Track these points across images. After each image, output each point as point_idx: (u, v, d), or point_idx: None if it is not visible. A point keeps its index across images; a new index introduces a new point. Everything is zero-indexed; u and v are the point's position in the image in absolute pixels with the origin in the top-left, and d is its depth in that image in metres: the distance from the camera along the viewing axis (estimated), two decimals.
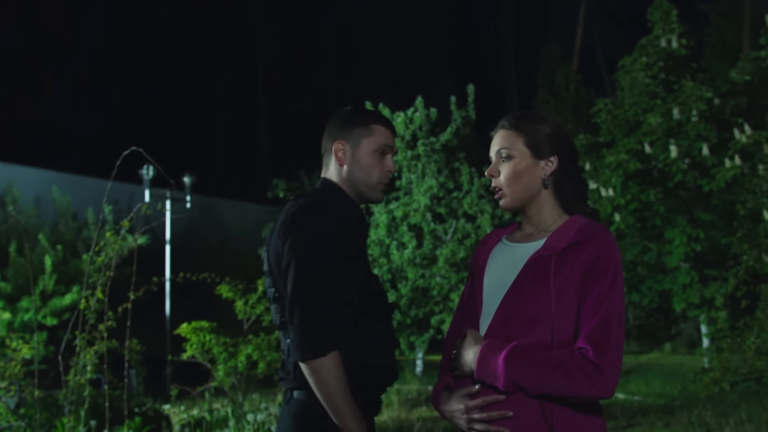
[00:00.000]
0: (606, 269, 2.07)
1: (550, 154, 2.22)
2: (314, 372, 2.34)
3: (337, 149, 2.58)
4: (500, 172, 2.27)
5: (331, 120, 2.63)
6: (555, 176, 2.23)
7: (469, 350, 2.14)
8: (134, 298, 5.58)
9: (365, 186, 2.55)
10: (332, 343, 2.33)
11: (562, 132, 2.27)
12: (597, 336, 2.00)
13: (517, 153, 2.24)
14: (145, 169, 15.95)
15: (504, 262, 2.26)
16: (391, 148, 2.59)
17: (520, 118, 2.28)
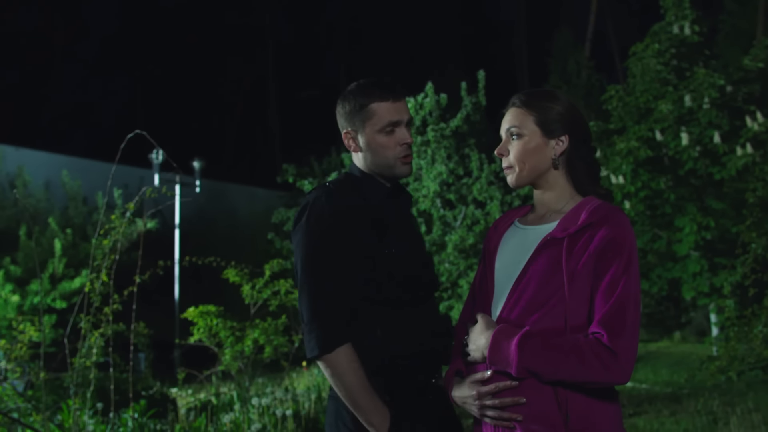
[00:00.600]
0: (620, 251, 2.01)
1: (561, 134, 2.18)
2: (326, 369, 2.30)
3: (346, 139, 2.53)
4: (510, 150, 2.22)
5: (336, 109, 2.55)
6: (567, 156, 2.19)
7: (480, 335, 2.10)
8: (140, 281, 5.58)
9: (385, 167, 2.48)
10: (338, 338, 2.28)
11: (575, 111, 2.21)
12: (611, 320, 1.96)
13: (527, 131, 2.19)
14: (154, 154, 15.97)
15: (516, 245, 2.22)
16: (398, 122, 2.46)
17: (532, 96, 2.23)
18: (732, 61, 15.56)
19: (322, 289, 2.33)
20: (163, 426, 5.92)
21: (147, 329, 7.97)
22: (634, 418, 8.13)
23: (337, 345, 2.28)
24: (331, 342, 2.29)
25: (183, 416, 6.30)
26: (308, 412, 6.59)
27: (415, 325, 2.41)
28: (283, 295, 7.96)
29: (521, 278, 2.11)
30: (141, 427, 5.69)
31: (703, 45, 14.19)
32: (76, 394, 5.34)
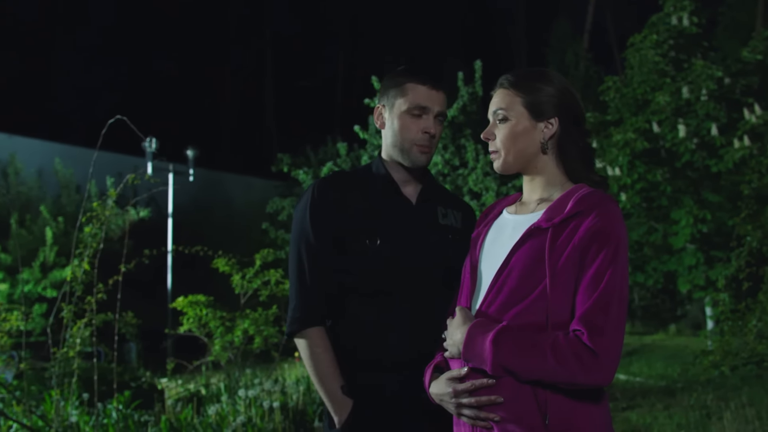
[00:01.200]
0: (606, 243, 1.88)
1: (550, 116, 2.06)
2: (298, 349, 2.39)
3: (377, 113, 2.52)
4: (496, 134, 2.11)
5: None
6: (557, 140, 2.07)
7: (456, 330, 2.00)
8: (125, 270, 5.49)
9: (400, 150, 2.45)
10: (308, 321, 2.35)
11: (567, 92, 2.08)
12: (594, 317, 1.83)
13: (514, 114, 2.08)
14: (147, 142, 15.86)
15: (501, 234, 2.12)
16: (427, 108, 2.43)
17: (521, 76, 2.11)
18: (731, 53, 15.46)
19: (301, 273, 2.40)
20: (149, 417, 5.84)
21: (136, 318, 7.90)
22: (627, 412, 8.06)
23: (306, 327, 2.35)
24: (301, 323, 2.36)
25: (170, 407, 6.22)
26: (296, 404, 6.51)
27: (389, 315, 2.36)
28: (274, 285, 7.89)
29: (502, 270, 2.00)
30: (125, 418, 5.61)
31: (702, 36, 14.08)
32: (59, 385, 5.25)
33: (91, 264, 5.26)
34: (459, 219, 2.58)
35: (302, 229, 2.43)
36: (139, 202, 16.75)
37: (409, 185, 2.53)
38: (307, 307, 2.37)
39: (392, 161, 2.51)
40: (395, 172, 2.51)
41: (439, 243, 2.45)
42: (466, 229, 2.53)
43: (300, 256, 2.41)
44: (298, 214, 2.47)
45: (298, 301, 2.39)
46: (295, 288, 2.41)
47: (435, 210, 2.53)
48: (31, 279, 12.63)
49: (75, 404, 5.88)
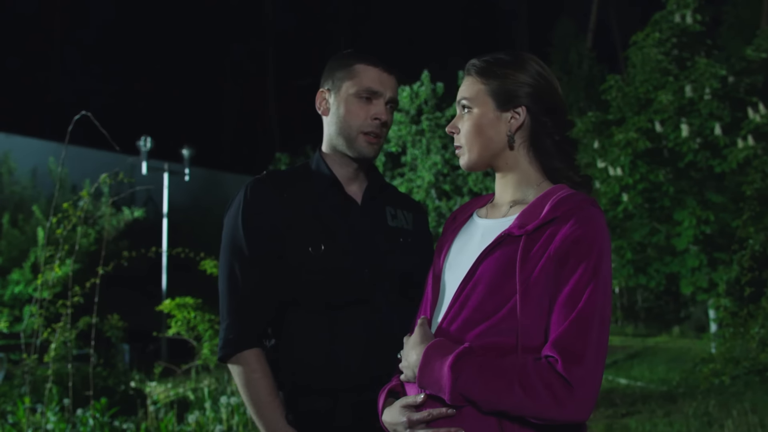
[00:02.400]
0: (586, 254, 1.63)
1: (517, 105, 1.81)
2: (232, 376, 2.11)
3: (320, 98, 2.25)
4: (460, 127, 1.88)
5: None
6: (530, 133, 1.82)
7: (412, 350, 1.75)
8: (102, 273, 5.29)
9: (346, 139, 2.17)
10: (243, 342, 2.07)
11: (542, 79, 1.82)
12: (570, 342, 1.57)
13: (477, 103, 1.84)
14: (142, 141, 15.69)
15: (469, 241, 1.86)
16: (378, 93, 2.16)
17: (490, 62, 1.86)
18: (735, 52, 15.22)
19: (234, 287, 2.12)
20: (129, 424, 5.64)
21: (122, 321, 7.71)
22: (627, 419, 7.87)
23: (240, 349, 2.07)
24: (234, 345, 2.08)
25: (152, 414, 6.03)
26: None
27: (335, 332, 2.09)
28: None
29: (467, 282, 1.74)
30: (101, 426, 5.41)
31: (705, 34, 13.86)
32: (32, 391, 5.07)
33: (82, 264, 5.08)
34: (410, 220, 2.31)
35: (234, 236, 2.15)
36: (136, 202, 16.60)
37: (354, 183, 2.26)
38: (242, 326, 2.09)
39: (335, 155, 2.24)
40: (338, 169, 2.24)
41: (389, 247, 2.19)
42: (419, 231, 2.31)
43: (232, 268, 2.13)
44: (229, 219, 2.19)
45: (230, 319, 2.10)
46: (227, 305, 2.12)
47: (383, 210, 2.26)
48: (22, 280, 12.44)
49: (55, 410, 5.70)
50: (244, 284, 2.10)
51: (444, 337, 1.74)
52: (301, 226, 2.13)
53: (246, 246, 2.11)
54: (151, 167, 15.67)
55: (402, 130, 14.05)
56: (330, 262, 2.09)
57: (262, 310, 2.10)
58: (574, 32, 25.78)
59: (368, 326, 2.09)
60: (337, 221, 2.16)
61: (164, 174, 15.28)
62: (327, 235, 2.13)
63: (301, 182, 2.22)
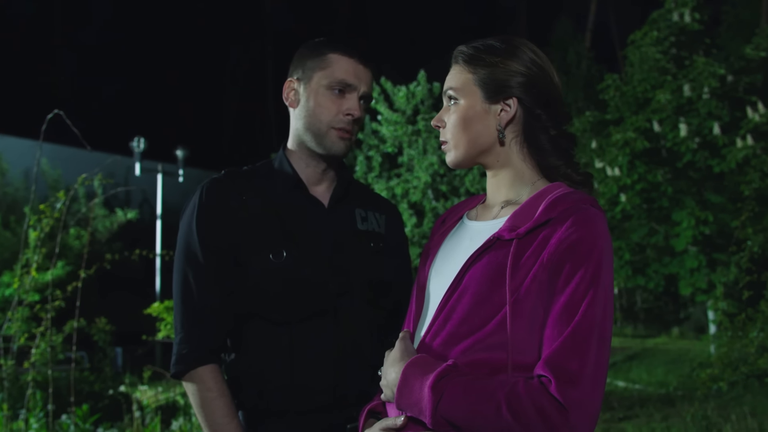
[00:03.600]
0: (584, 261, 1.45)
1: (508, 96, 1.62)
2: (187, 394, 1.92)
3: (287, 89, 2.05)
4: (446, 121, 1.69)
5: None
6: (523, 127, 1.63)
7: (391, 367, 1.55)
8: (84, 276, 5.16)
9: (315, 134, 1.99)
10: (192, 360, 1.89)
11: (536, 67, 1.63)
12: (565, 360, 1.39)
13: (465, 94, 1.65)
14: (135, 142, 15.56)
15: (457, 246, 1.67)
16: (353, 86, 1.98)
17: (478, 48, 1.67)
18: (734, 51, 15.11)
19: (187, 297, 1.93)
20: (113, 431, 5.52)
21: (110, 325, 7.60)
22: (624, 423, 7.74)
23: (195, 366, 1.88)
24: (188, 362, 1.88)
25: (138, 420, 5.90)
26: None
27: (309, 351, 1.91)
28: None
29: (452, 292, 1.56)
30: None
31: (704, 33, 13.75)
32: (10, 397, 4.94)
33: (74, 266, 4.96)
34: (382, 223, 2.12)
35: (188, 242, 1.95)
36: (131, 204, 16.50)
37: (321, 184, 2.07)
38: (196, 340, 1.89)
39: (301, 152, 2.05)
40: (304, 168, 2.05)
41: (358, 253, 2.01)
42: (392, 235, 2.13)
43: (185, 277, 1.93)
44: (183, 224, 1.99)
45: (184, 333, 1.91)
46: (181, 317, 1.92)
47: (352, 213, 2.07)
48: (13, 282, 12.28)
49: (38, 417, 5.58)
50: (199, 294, 1.92)
51: (426, 352, 1.56)
52: (261, 230, 1.95)
53: (200, 252, 1.93)
54: (144, 168, 15.55)
55: (398, 131, 13.93)
56: (292, 271, 1.92)
57: (219, 323, 1.92)
58: (573, 32, 25.68)
59: (334, 341, 1.92)
60: (300, 225, 1.99)
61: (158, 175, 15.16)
62: (289, 240, 1.95)
63: (263, 182, 2.03)
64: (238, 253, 1.93)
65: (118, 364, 12.01)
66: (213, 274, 1.93)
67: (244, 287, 1.92)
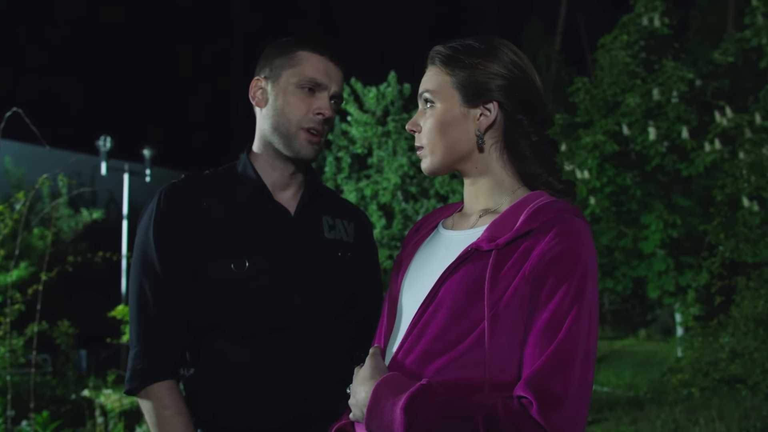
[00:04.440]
0: (568, 274, 1.37)
1: (487, 100, 1.53)
2: (143, 411, 1.81)
3: (254, 88, 1.96)
4: (421, 125, 1.59)
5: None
6: (503, 133, 1.55)
7: (360, 386, 1.46)
8: (46, 279, 5.01)
9: (283, 135, 1.89)
10: (147, 375, 1.78)
11: (517, 69, 1.55)
12: (547, 380, 1.31)
13: (441, 97, 1.56)
14: (101, 141, 15.33)
15: (431, 256, 1.59)
16: (323, 85, 1.89)
17: (456, 49, 1.58)
18: (702, 56, 15.22)
19: (143, 309, 1.82)
20: None
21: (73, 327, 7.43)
22: (593, 426, 7.72)
23: (150, 381, 1.78)
24: (143, 377, 1.78)
25: (101, 425, 5.77)
26: None
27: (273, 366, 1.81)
28: None
29: (427, 306, 1.47)
30: None
31: (673, 38, 13.84)
32: None
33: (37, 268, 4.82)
34: (351, 231, 2.04)
35: (144, 250, 1.86)
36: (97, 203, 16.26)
37: (287, 189, 1.97)
38: (152, 355, 1.79)
39: (268, 155, 1.95)
40: (270, 172, 1.95)
41: (325, 263, 1.92)
42: (361, 243, 2.04)
43: (141, 287, 1.83)
44: (140, 231, 1.90)
45: (139, 346, 1.81)
46: (136, 329, 1.82)
47: (319, 221, 1.98)
48: None
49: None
50: (156, 306, 1.81)
51: (398, 370, 1.47)
52: (222, 239, 1.85)
53: (158, 261, 1.83)
54: (111, 168, 15.34)
55: (368, 132, 13.86)
56: (255, 282, 1.82)
57: (176, 337, 1.82)
58: (543, 35, 25.75)
59: (299, 356, 1.83)
60: (264, 234, 1.89)
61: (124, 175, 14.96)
62: (252, 250, 1.85)
63: (225, 188, 1.94)
64: (198, 263, 1.84)
65: (82, 366, 11.80)
66: (170, 285, 1.83)
67: (204, 299, 1.83)
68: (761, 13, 11.68)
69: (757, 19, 11.81)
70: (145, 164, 16.26)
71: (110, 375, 7.97)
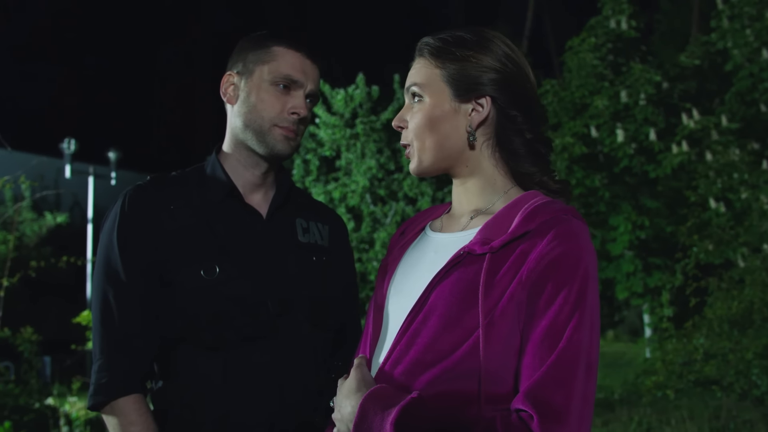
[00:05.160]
0: (568, 279, 1.30)
1: (480, 95, 1.45)
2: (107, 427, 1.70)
3: (226, 84, 1.85)
4: (408, 121, 1.51)
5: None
6: (495, 129, 1.46)
7: (346, 399, 1.37)
8: (7, 285, 4.87)
9: (256, 132, 1.79)
10: (112, 389, 1.67)
11: (511, 63, 1.47)
12: (548, 393, 1.24)
13: (431, 92, 1.47)
14: (65, 143, 15.08)
15: (419, 261, 1.50)
16: (299, 83, 1.79)
17: (447, 41, 1.49)
18: (668, 59, 15.37)
19: (107, 319, 1.72)
20: None
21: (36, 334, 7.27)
22: None
23: (116, 396, 1.67)
24: (108, 391, 1.68)
25: None
26: None
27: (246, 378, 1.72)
28: None
29: (416, 314, 1.39)
30: None
31: (640, 40, 13.95)
32: None
33: None
34: (326, 234, 1.95)
35: (108, 257, 1.75)
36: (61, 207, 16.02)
37: (259, 191, 1.88)
38: (118, 368, 1.69)
39: (239, 154, 1.85)
40: (242, 172, 1.86)
41: (300, 269, 1.83)
42: (336, 247, 1.96)
43: (105, 296, 1.72)
44: (104, 236, 1.79)
45: (104, 359, 1.70)
46: (100, 341, 1.71)
47: (293, 224, 1.89)
48: None
49: None
50: (120, 316, 1.71)
51: (386, 382, 1.38)
52: (190, 244, 1.75)
53: (122, 269, 1.73)
54: (75, 170, 15.09)
55: (336, 134, 13.80)
56: (226, 289, 1.73)
57: (143, 349, 1.72)
58: (510, 38, 25.85)
59: (273, 367, 1.74)
60: (235, 238, 1.79)
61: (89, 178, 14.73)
62: (222, 255, 1.75)
63: (193, 190, 1.84)
64: (165, 270, 1.73)
65: (46, 374, 11.57)
66: (136, 294, 1.73)
67: (172, 308, 1.73)
68: (727, 17, 11.79)
69: (723, 23, 11.92)
70: (110, 167, 16.03)
71: (75, 382, 7.82)
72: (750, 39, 11.29)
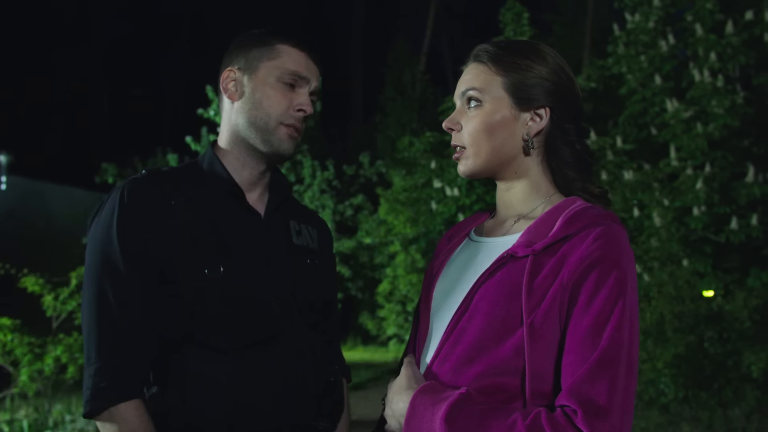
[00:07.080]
0: (609, 280, 1.35)
1: (539, 105, 1.51)
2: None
3: (226, 80, 1.81)
4: (463, 124, 1.55)
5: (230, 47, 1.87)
6: (546, 138, 1.54)
7: (397, 396, 1.42)
8: None
9: (261, 130, 1.76)
10: (111, 395, 1.59)
11: (564, 75, 1.53)
12: (591, 389, 1.29)
13: (490, 98, 1.52)
14: None
15: (466, 264, 1.56)
16: (305, 80, 1.79)
17: (505, 49, 1.54)
18: None
19: (106, 318, 1.63)
20: None
21: None
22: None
23: (114, 402, 1.59)
24: (106, 397, 1.59)
25: None
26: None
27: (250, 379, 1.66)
28: None
29: (462, 313, 1.44)
30: None
31: None
32: None
33: None
34: (315, 238, 1.94)
35: (106, 251, 1.66)
36: None
37: (255, 189, 1.84)
38: (117, 370, 1.60)
39: (239, 151, 1.82)
40: (240, 170, 1.82)
41: (296, 271, 1.81)
42: (325, 251, 1.96)
43: (102, 293, 1.64)
44: (98, 231, 1.70)
45: (101, 361, 1.61)
46: (96, 341, 1.62)
47: (287, 226, 1.88)
48: None
49: None
50: (121, 314, 1.62)
51: (434, 379, 1.43)
52: (194, 241, 1.69)
53: (123, 263, 1.64)
54: None
55: None
56: (231, 289, 1.67)
57: (144, 350, 1.64)
58: (408, 54, 26.10)
59: (280, 370, 1.69)
60: (236, 237, 1.75)
61: None
62: (226, 254, 1.71)
63: (192, 186, 1.78)
64: (167, 267, 1.66)
65: None
66: (137, 290, 1.65)
67: (174, 307, 1.65)
68: (623, 43, 12.26)
69: (619, 48, 12.38)
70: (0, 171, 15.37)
71: None
72: (644, 65, 11.76)
